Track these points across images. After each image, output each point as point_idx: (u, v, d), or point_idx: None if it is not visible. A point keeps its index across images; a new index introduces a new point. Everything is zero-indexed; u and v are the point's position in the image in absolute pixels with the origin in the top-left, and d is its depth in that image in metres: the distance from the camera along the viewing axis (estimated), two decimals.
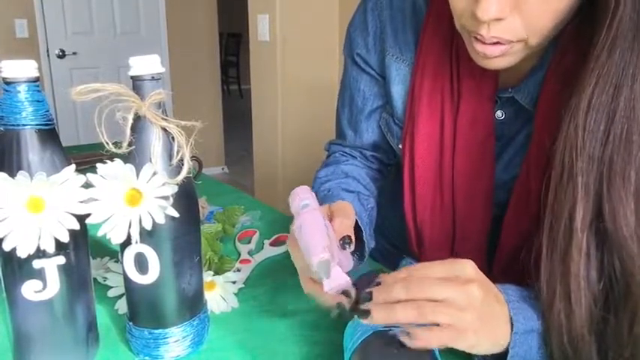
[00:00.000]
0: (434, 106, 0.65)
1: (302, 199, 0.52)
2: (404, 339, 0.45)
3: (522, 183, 0.61)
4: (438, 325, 0.44)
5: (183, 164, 0.47)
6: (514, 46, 0.51)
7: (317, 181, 0.78)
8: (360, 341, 0.48)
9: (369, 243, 0.65)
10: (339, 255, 0.52)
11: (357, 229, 0.62)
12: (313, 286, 0.53)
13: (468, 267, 0.48)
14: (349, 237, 0.53)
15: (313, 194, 0.53)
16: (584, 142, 0.45)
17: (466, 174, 0.64)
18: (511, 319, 0.47)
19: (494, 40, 0.51)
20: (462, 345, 0.46)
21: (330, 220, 0.54)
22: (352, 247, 0.53)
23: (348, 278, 0.48)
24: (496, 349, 0.48)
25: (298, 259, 0.54)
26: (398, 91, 0.71)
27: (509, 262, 0.63)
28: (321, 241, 0.47)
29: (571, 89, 0.47)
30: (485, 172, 0.64)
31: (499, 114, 0.63)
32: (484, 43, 0.52)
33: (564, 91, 0.49)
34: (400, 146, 0.71)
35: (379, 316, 0.45)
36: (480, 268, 0.50)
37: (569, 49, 0.56)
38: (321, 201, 0.65)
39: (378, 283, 0.47)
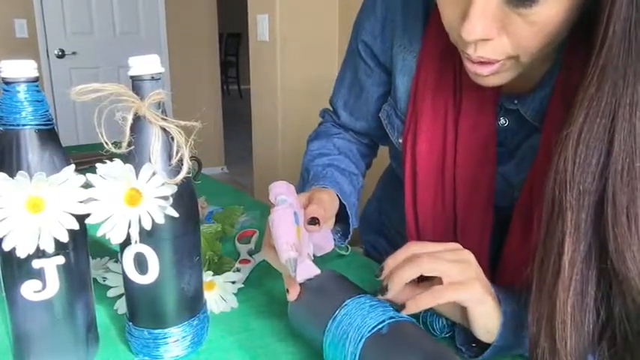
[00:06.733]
0: (437, 106, 0.64)
1: (278, 193, 0.57)
2: (409, 305, 0.48)
3: (524, 204, 0.60)
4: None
5: (182, 164, 0.47)
6: (505, 64, 0.50)
7: (309, 153, 0.80)
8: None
9: (353, 223, 0.70)
10: (319, 240, 0.59)
11: (344, 209, 0.68)
12: (272, 255, 0.57)
13: (467, 251, 0.51)
14: (316, 219, 0.58)
15: (292, 189, 0.59)
16: (574, 176, 0.42)
17: (467, 178, 0.64)
18: (501, 311, 0.49)
19: (481, 60, 0.50)
20: (470, 294, 0.48)
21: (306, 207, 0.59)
22: (318, 228, 0.58)
23: (318, 271, 0.54)
24: (486, 333, 0.50)
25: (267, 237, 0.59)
26: (403, 83, 0.69)
27: (512, 280, 0.63)
28: (289, 239, 0.52)
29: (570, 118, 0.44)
30: (485, 178, 0.63)
31: (502, 121, 0.62)
32: (473, 62, 0.51)
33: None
34: (400, 141, 0.70)
35: (392, 286, 0.49)
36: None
37: (576, 68, 0.53)
38: (316, 177, 0.71)
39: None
